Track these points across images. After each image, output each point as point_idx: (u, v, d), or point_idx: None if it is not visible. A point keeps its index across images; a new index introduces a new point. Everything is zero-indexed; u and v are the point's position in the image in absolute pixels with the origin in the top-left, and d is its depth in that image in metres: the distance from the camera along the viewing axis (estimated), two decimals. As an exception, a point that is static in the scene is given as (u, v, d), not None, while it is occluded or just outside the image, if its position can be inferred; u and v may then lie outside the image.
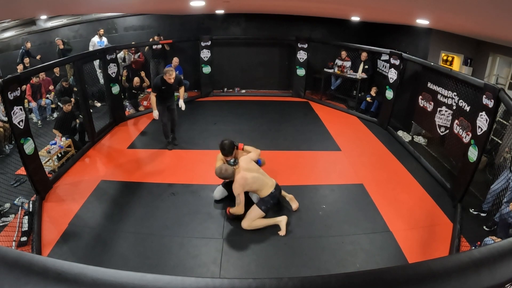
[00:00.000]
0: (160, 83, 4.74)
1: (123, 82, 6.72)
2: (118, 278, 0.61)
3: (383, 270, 0.68)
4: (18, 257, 0.62)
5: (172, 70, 4.67)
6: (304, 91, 8.05)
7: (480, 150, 3.66)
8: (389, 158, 5.23)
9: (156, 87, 4.78)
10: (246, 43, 8.16)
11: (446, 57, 6.10)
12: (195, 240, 3.34)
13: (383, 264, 3.04)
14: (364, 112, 6.99)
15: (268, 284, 0.63)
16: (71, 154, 4.97)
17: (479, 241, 3.18)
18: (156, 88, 4.78)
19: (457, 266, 0.67)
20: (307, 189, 4.29)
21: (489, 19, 3.02)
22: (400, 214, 3.80)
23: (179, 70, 7.24)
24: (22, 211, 3.62)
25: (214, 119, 6.49)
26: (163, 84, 4.73)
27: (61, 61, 5.47)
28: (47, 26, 7.66)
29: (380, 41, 7.31)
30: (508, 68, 5.36)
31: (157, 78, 4.86)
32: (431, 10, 3.45)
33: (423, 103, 5.42)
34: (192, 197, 4.04)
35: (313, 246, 3.29)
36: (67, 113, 5.08)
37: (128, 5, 5.75)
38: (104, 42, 7.39)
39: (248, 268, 3.02)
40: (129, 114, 6.71)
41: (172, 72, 4.63)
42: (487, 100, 3.56)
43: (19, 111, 3.60)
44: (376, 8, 4.39)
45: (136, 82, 6.87)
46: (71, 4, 4.67)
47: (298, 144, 5.59)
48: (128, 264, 3.01)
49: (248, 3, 5.77)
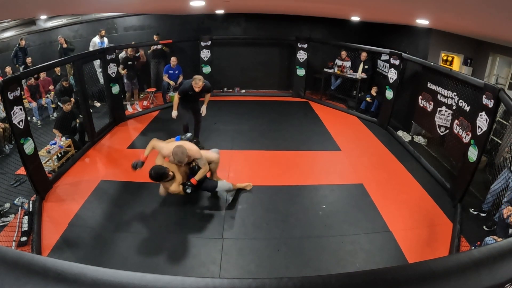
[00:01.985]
0: (188, 88, 4.61)
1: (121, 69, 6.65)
2: (118, 278, 0.61)
3: (383, 270, 0.68)
4: (18, 257, 0.62)
5: (199, 79, 4.50)
6: (304, 91, 8.05)
7: (480, 150, 3.66)
8: (389, 158, 5.23)
9: (183, 91, 4.67)
10: (246, 43, 8.16)
11: (446, 57, 6.10)
12: (195, 240, 3.34)
13: (383, 264, 3.04)
14: (364, 112, 6.99)
15: (268, 284, 0.63)
16: (71, 154, 4.96)
17: (479, 241, 3.18)
18: (182, 92, 4.68)
19: (457, 266, 0.67)
20: (307, 189, 4.29)
21: (489, 19, 3.02)
22: (400, 214, 3.80)
23: (179, 70, 7.24)
24: (22, 211, 3.62)
25: (214, 119, 6.49)
26: (190, 90, 4.60)
27: (61, 61, 5.48)
28: (47, 26, 7.66)
29: (380, 41, 7.31)
30: (508, 68, 5.35)
31: (187, 83, 4.72)
32: (431, 10, 3.45)
33: (423, 103, 5.42)
34: (192, 197, 4.03)
35: (313, 246, 3.29)
36: (67, 113, 5.07)
37: (128, 5, 5.75)
38: (105, 43, 7.37)
39: (248, 268, 3.02)
40: (129, 114, 6.71)
41: (198, 81, 4.47)
42: (487, 100, 3.56)
43: (19, 111, 3.60)
44: (376, 8, 4.39)
45: (130, 51, 6.88)
46: (71, 4, 4.67)
47: (298, 144, 5.59)
48: (128, 264, 3.01)
49: (248, 3, 5.77)
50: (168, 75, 7.19)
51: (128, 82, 6.98)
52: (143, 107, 7.15)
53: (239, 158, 4.94)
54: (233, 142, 5.50)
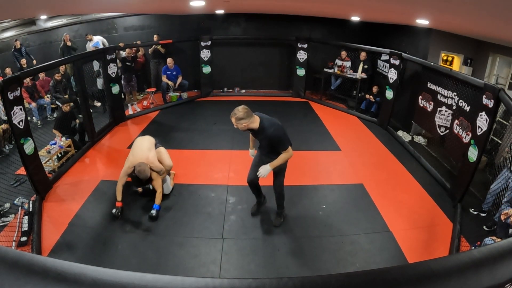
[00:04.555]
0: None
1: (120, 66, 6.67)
2: (118, 278, 0.61)
3: (383, 270, 0.68)
4: (18, 257, 0.62)
5: (233, 116, 3.02)
6: (304, 91, 8.05)
7: (480, 150, 3.66)
8: (389, 158, 5.23)
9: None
10: (246, 43, 8.16)
11: (446, 57, 6.10)
12: (195, 240, 3.34)
13: (383, 264, 3.04)
14: (364, 112, 6.99)
15: (268, 284, 0.63)
16: (71, 154, 4.96)
17: (479, 241, 3.18)
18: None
19: (457, 266, 0.67)
20: (307, 189, 4.29)
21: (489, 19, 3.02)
22: (400, 214, 3.80)
23: (177, 70, 7.23)
24: (22, 211, 3.62)
25: (214, 119, 6.49)
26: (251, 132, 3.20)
27: (61, 61, 5.46)
28: (47, 26, 7.66)
29: (380, 41, 7.31)
30: (508, 68, 5.35)
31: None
32: (431, 10, 3.45)
33: (423, 103, 5.42)
34: (192, 197, 4.04)
35: (313, 246, 3.29)
36: (66, 113, 5.07)
37: (128, 5, 5.75)
38: (99, 42, 7.33)
39: (248, 268, 3.02)
40: (129, 114, 6.71)
41: (232, 119, 3.03)
42: (487, 100, 3.56)
43: (19, 111, 3.60)
44: (376, 8, 4.39)
45: (128, 53, 6.87)
46: (71, 4, 4.67)
47: (298, 144, 5.56)
48: (128, 264, 3.01)
49: (248, 3, 5.77)
50: (167, 76, 7.19)
51: (125, 83, 6.93)
52: (143, 107, 7.15)
53: (239, 158, 4.94)
54: (233, 142, 5.50)
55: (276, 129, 2.96)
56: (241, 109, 2.99)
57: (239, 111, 2.97)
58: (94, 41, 7.32)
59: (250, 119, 2.97)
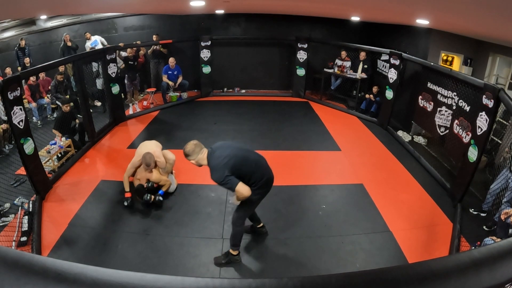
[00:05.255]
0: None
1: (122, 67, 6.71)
2: (118, 278, 0.61)
3: (383, 270, 0.67)
4: (18, 257, 0.62)
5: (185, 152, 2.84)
6: (304, 91, 8.05)
7: (480, 150, 3.66)
8: (389, 158, 5.23)
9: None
10: (246, 43, 8.16)
11: (446, 57, 6.10)
12: (195, 240, 3.34)
13: (383, 264, 3.04)
14: (364, 112, 6.99)
15: (268, 284, 0.63)
16: (71, 154, 4.96)
17: (479, 241, 3.18)
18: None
19: (457, 266, 0.67)
20: (307, 189, 4.29)
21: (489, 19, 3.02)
22: (400, 214, 3.80)
23: (178, 70, 7.23)
24: (22, 211, 3.62)
25: (214, 119, 6.49)
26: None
27: (61, 61, 5.46)
28: (47, 26, 7.66)
29: (380, 41, 7.31)
30: (508, 68, 5.35)
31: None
32: (431, 10, 3.45)
33: (423, 103, 5.42)
34: (192, 197, 4.04)
35: (313, 246, 3.29)
36: (66, 113, 5.07)
37: (128, 5, 5.75)
38: (97, 41, 7.33)
39: (248, 268, 3.02)
40: (129, 114, 6.71)
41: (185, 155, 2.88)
42: (487, 100, 3.56)
43: (19, 111, 3.60)
44: (376, 8, 4.39)
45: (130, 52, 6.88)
46: (71, 4, 4.67)
47: (298, 144, 5.59)
48: (128, 264, 3.01)
49: (248, 3, 5.77)
50: (167, 76, 7.19)
51: (128, 83, 6.97)
52: (143, 107, 7.14)
53: (239, 158, 4.94)
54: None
55: (214, 160, 2.67)
56: (189, 144, 2.69)
57: (186, 147, 2.68)
58: (92, 40, 7.33)
59: (198, 156, 2.68)
